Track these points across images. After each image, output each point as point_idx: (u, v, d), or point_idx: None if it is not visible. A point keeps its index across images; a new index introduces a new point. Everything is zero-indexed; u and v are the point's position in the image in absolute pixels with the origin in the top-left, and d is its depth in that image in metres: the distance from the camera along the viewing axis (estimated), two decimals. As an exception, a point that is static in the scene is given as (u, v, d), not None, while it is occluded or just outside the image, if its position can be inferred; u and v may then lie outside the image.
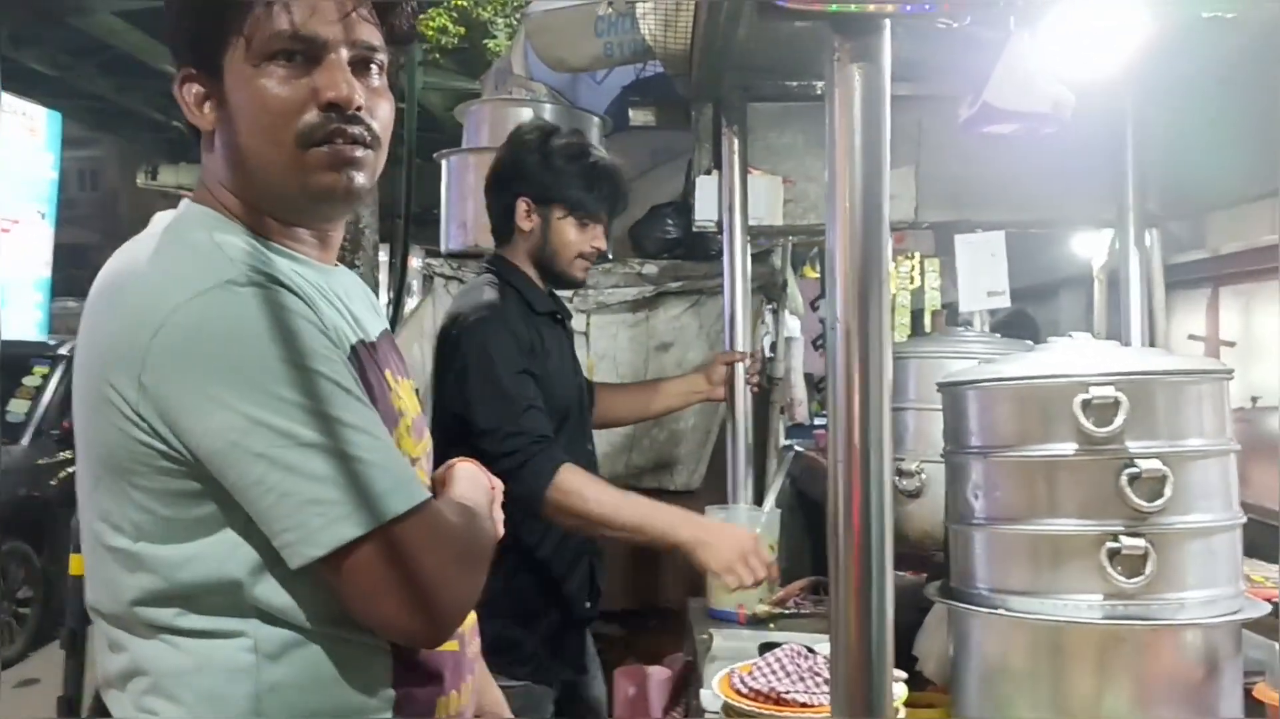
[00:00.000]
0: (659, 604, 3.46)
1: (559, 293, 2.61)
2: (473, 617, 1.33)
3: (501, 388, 2.26)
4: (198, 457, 1.06)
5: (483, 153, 3.18)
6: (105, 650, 1.18)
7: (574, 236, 2.46)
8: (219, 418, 1.04)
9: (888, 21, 1.16)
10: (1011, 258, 3.32)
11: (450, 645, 1.25)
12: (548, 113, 3.41)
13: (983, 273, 3.56)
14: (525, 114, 3.36)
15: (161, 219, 1.21)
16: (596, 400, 2.73)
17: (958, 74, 1.85)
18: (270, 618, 1.11)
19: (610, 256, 3.49)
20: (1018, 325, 5.41)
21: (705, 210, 2.79)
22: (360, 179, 1.19)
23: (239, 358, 1.05)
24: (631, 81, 3.73)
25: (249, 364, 1.05)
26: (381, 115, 1.21)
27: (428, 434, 1.37)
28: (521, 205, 2.46)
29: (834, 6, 1.11)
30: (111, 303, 1.12)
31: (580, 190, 2.45)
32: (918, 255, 5.19)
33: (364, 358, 1.20)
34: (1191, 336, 7.04)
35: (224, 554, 1.10)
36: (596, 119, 3.52)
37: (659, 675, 2.91)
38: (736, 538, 2.21)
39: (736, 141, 2.71)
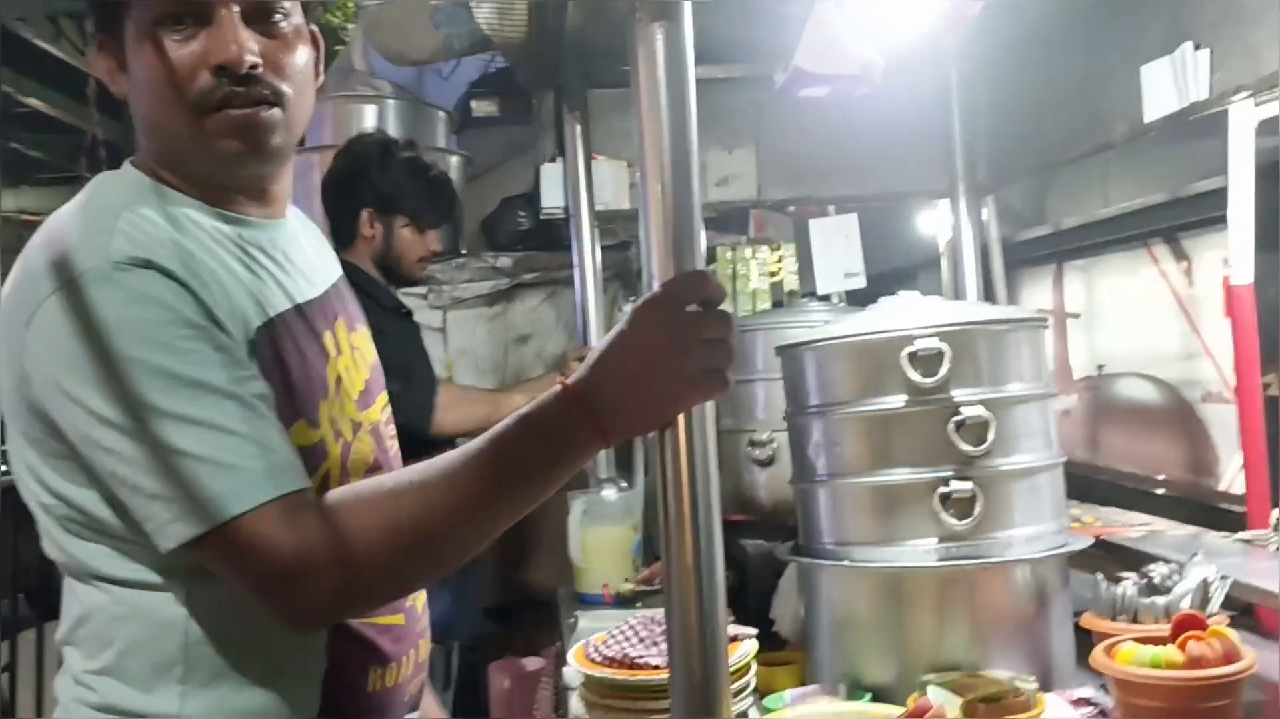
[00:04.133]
0: (533, 596, 3.45)
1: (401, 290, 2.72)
2: (422, 593, 1.32)
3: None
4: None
5: (326, 151, 3.13)
6: (65, 603, 1.19)
7: (414, 243, 2.66)
8: (71, 412, 1.05)
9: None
10: (868, 243, 3.41)
11: (395, 619, 1.24)
12: (392, 109, 3.37)
13: (837, 255, 3.65)
14: (368, 111, 3.32)
15: (98, 182, 1.19)
16: (446, 406, 2.76)
17: (791, 53, 1.90)
18: (202, 574, 1.09)
19: (464, 252, 3.48)
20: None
21: (551, 197, 2.80)
22: (270, 140, 1.15)
23: (88, 351, 1.04)
24: (479, 76, 3.72)
25: (96, 358, 1.03)
26: (290, 67, 1.16)
27: (382, 395, 1.34)
28: (364, 215, 2.63)
29: (628, -36, 1.12)
30: (15, 273, 1.12)
31: (421, 203, 2.64)
32: (779, 246, 5.28)
33: (294, 327, 1.18)
34: (1039, 311, 7.35)
35: None
36: (443, 114, 3.50)
37: (532, 666, 2.91)
38: None
39: (579, 128, 2.73)
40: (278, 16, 1.15)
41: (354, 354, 1.28)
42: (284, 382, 1.13)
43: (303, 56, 1.18)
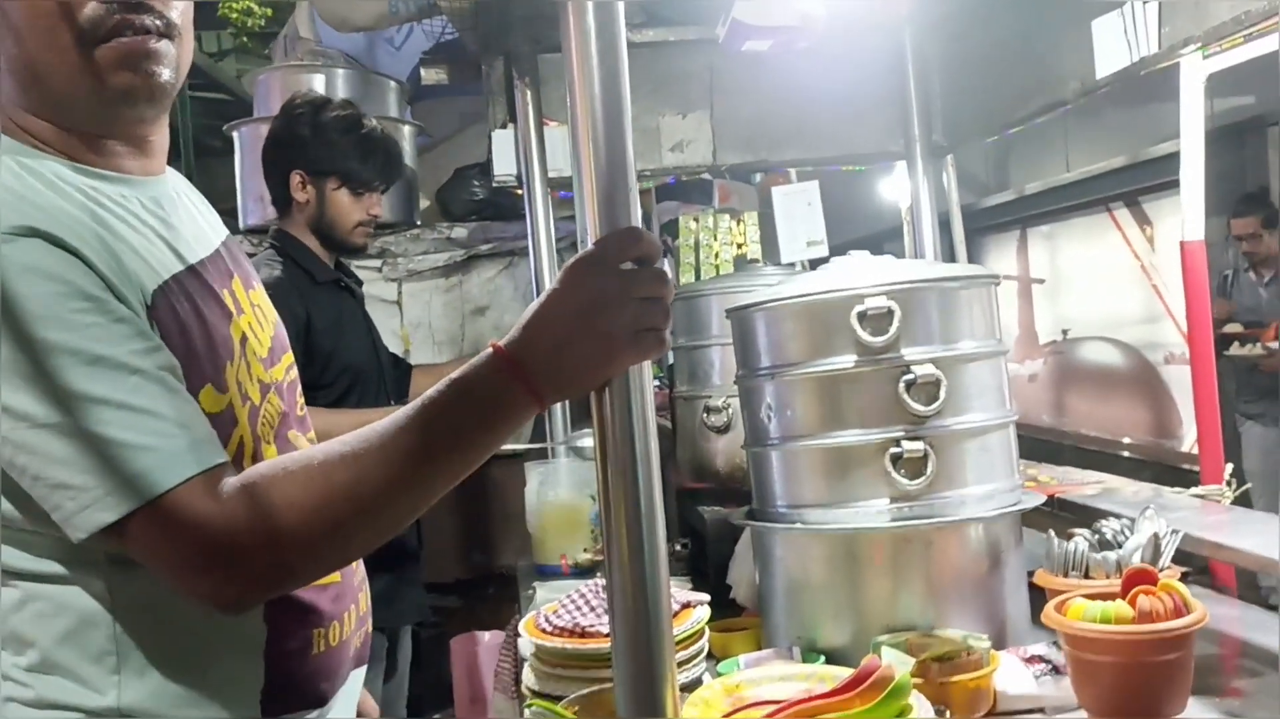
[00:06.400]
0: (495, 571, 3.43)
1: (354, 260, 2.63)
2: None
3: None
4: None
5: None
6: None
7: (350, 207, 2.50)
8: None
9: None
10: (833, 212, 3.41)
11: (333, 578, 1.20)
12: (340, 78, 3.30)
13: (800, 222, 3.63)
14: (316, 79, 3.25)
15: None
16: (412, 383, 2.74)
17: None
18: (121, 560, 1.04)
19: (419, 223, 3.44)
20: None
21: (503, 165, 2.76)
22: (163, 74, 1.09)
23: None
24: (432, 45, 3.66)
25: None
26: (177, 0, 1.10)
27: (288, 353, 1.28)
28: (295, 178, 2.49)
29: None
30: None
31: (354, 162, 2.49)
32: (743, 217, 5.26)
33: (190, 288, 1.11)
34: (1006, 277, 7.40)
35: None
36: (394, 84, 3.44)
37: (493, 640, 2.89)
38: None
39: (530, 94, 2.68)
40: None
41: (255, 311, 1.23)
42: (187, 347, 1.08)
43: None
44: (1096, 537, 1.65)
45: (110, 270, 1.02)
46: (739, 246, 5.18)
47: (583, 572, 2.43)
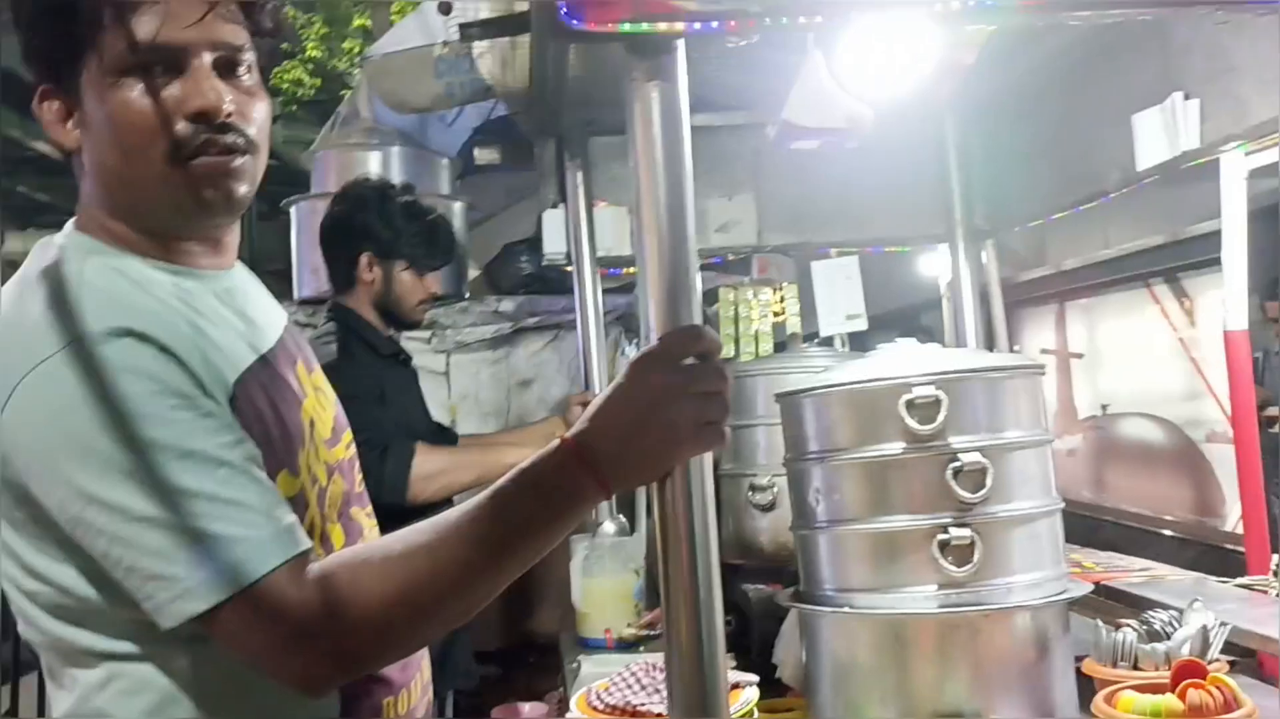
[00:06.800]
0: (535, 640, 3.44)
1: (404, 334, 2.75)
2: None
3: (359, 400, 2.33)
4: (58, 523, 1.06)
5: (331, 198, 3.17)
6: (51, 688, 1.17)
7: (414, 286, 2.65)
8: (60, 493, 1.04)
9: (681, 41, 1.21)
10: (871, 284, 3.45)
11: None
12: (395, 156, 3.41)
13: (839, 296, 3.67)
14: (372, 158, 3.36)
15: (42, 249, 1.17)
16: (426, 478, 2.79)
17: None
18: (202, 637, 1.07)
19: (467, 296, 3.52)
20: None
21: (553, 243, 2.84)
22: (241, 189, 1.16)
23: (75, 429, 1.03)
24: (482, 122, 3.76)
25: (84, 435, 1.03)
26: (257, 118, 1.17)
27: (347, 432, 1.33)
28: (364, 259, 2.62)
29: (625, 27, 1.15)
30: None
31: (420, 247, 2.64)
32: (782, 286, 5.29)
33: (263, 378, 1.17)
34: (1044, 351, 7.37)
35: None
36: (446, 160, 3.54)
37: (533, 713, 2.91)
38: None
39: (580, 175, 2.77)
40: (242, 69, 1.17)
41: (318, 395, 1.28)
42: (265, 435, 1.13)
43: (264, 110, 1.20)
44: (1145, 627, 1.67)
45: (198, 365, 1.09)
46: (776, 315, 5.21)
47: (627, 646, 2.45)
